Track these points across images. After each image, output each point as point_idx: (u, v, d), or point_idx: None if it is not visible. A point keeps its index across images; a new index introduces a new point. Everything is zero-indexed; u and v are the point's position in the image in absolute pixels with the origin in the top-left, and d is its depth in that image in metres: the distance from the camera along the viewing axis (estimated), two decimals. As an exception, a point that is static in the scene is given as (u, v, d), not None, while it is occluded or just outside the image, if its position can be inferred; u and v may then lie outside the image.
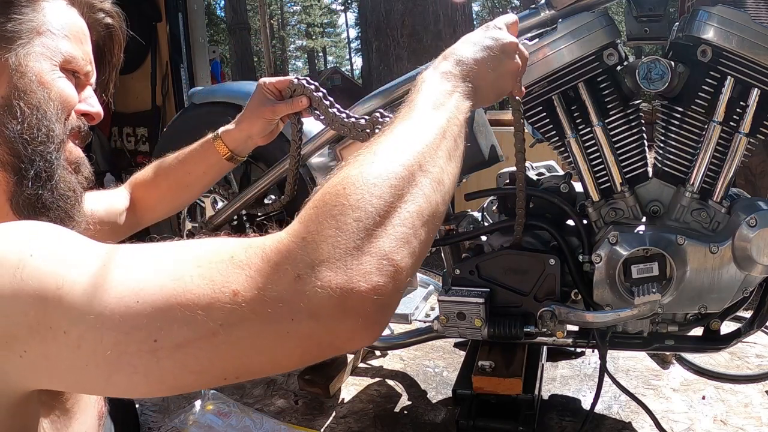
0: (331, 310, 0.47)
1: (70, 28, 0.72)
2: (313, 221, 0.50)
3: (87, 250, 0.51)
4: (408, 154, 0.56)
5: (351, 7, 32.58)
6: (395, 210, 0.52)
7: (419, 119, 0.63)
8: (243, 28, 15.31)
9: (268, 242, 0.49)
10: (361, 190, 0.51)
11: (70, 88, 0.70)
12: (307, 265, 0.47)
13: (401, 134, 0.60)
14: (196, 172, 1.13)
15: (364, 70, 4.28)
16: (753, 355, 1.78)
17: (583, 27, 1.12)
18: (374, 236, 0.49)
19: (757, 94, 1.05)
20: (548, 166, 1.39)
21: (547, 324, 1.20)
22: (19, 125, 0.64)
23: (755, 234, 1.05)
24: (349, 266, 0.48)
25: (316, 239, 0.49)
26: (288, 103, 1.12)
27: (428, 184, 0.56)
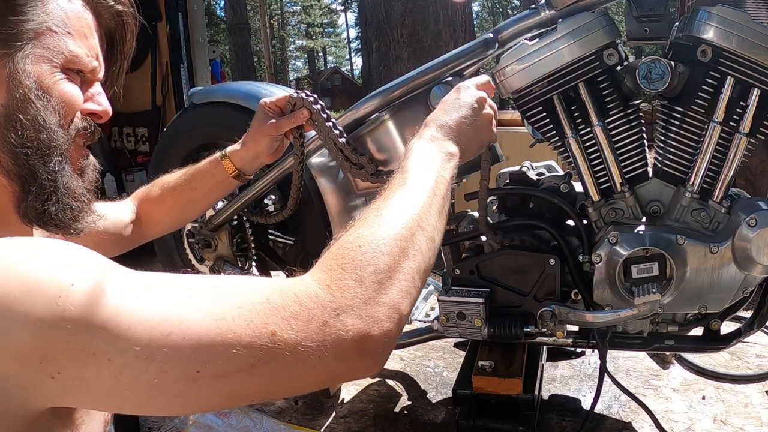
0: (351, 351, 0.56)
1: (73, 23, 0.68)
2: (335, 272, 0.60)
3: (127, 280, 0.54)
4: (407, 217, 0.67)
5: (351, 7, 32.59)
6: (400, 266, 0.62)
7: (412, 184, 0.73)
8: (243, 28, 15.32)
9: (299, 288, 0.58)
10: (373, 249, 0.62)
11: (73, 89, 0.67)
12: (333, 311, 0.56)
13: (399, 199, 0.70)
14: (203, 189, 1.15)
15: (364, 70, 4.28)
16: (753, 355, 1.78)
17: (583, 27, 1.12)
18: (385, 289, 0.60)
19: (757, 94, 1.05)
20: (548, 166, 1.39)
21: (547, 324, 1.20)
22: (19, 138, 0.62)
23: (755, 234, 1.05)
24: (366, 314, 0.57)
25: (340, 288, 0.58)
26: (290, 117, 1.16)
27: (424, 242, 0.67)
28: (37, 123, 0.63)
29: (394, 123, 1.26)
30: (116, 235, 1.06)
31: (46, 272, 0.50)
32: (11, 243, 0.53)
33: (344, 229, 0.66)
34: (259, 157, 1.16)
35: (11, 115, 0.62)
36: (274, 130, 1.14)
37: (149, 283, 0.55)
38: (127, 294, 0.52)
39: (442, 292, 1.26)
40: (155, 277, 0.56)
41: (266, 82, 5.75)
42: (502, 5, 29.75)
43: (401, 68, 3.59)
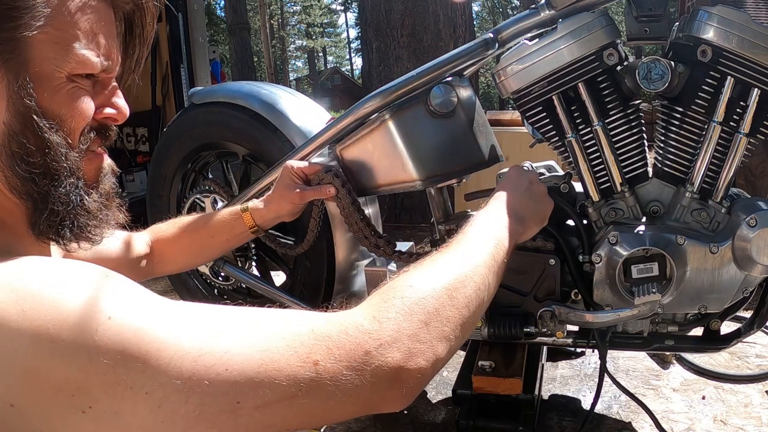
0: (387, 382, 0.58)
1: (78, 21, 0.59)
2: (381, 306, 0.62)
3: (167, 311, 0.53)
4: (461, 270, 0.71)
5: (351, 7, 32.58)
6: (446, 312, 0.65)
7: (471, 242, 0.77)
8: (243, 28, 15.32)
9: (346, 318, 0.60)
10: (423, 290, 0.65)
11: (81, 102, 0.60)
12: (376, 341, 0.58)
13: (456, 253, 0.74)
14: (220, 238, 1.17)
15: (364, 70, 4.27)
16: (753, 355, 1.78)
17: (583, 27, 1.12)
18: (428, 329, 0.62)
19: (757, 94, 1.05)
20: (548, 166, 1.39)
21: (547, 324, 1.20)
22: (24, 165, 0.57)
23: (755, 234, 1.05)
24: (407, 349, 0.59)
25: (385, 320, 0.60)
26: (316, 189, 1.20)
27: (474, 298, 0.69)
28: (43, 146, 0.58)
29: (394, 123, 1.26)
30: (133, 262, 1.07)
31: (83, 304, 0.49)
32: (46, 269, 0.51)
33: (401, 271, 0.70)
34: (279, 218, 1.20)
35: (15, 135, 0.57)
36: (299, 199, 1.18)
37: (190, 314, 0.55)
38: (167, 326, 0.51)
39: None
40: (195, 308, 0.56)
41: (266, 82, 5.76)
42: (502, 5, 29.74)
43: (401, 68, 3.58)
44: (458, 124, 1.25)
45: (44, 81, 0.57)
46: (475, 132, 1.26)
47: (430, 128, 1.25)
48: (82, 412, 0.47)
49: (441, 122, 1.24)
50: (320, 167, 1.22)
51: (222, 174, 1.85)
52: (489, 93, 22.12)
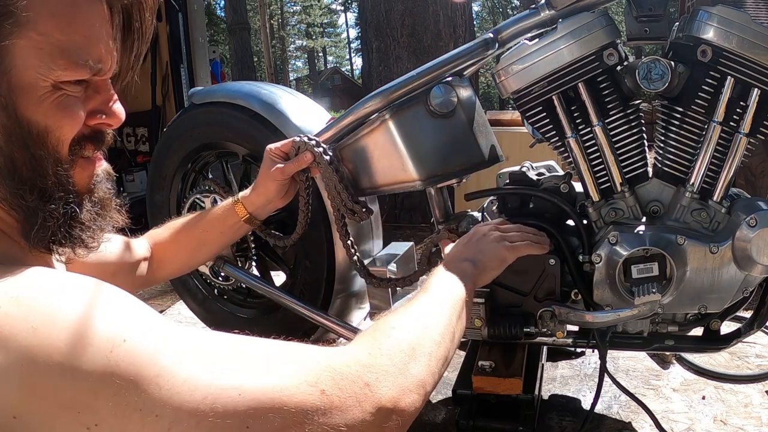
0: (385, 415, 0.63)
1: (65, 23, 0.53)
2: (372, 343, 0.69)
3: (180, 337, 0.54)
4: (431, 314, 0.80)
5: (351, 7, 32.58)
6: (426, 349, 0.73)
7: (435, 292, 0.86)
8: (243, 28, 15.32)
9: (345, 353, 0.66)
10: (403, 332, 0.73)
11: (68, 113, 0.56)
12: (374, 374, 0.63)
13: (425, 300, 0.84)
14: (214, 232, 1.17)
15: (364, 70, 4.27)
16: (753, 355, 1.78)
17: (583, 27, 1.12)
18: (414, 364, 0.70)
19: (757, 94, 1.05)
20: (548, 166, 1.39)
21: (547, 324, 1.20)
22: (11, 179, 0.55)
23: (755, 234, 1.05)
24: (399, 383, 0.66)
25: (378, 356, 0.66)
26: (294, 161, 1.20)
27: (447, 335, 0.79)
28: (29, 162, 0.55)
29: (394, 123, 1.26)
30: (133, 267, 1.07)
31: (98, 325, 0.48)
32: (57, 285, 0.51)
33: (378, 317, 0.78)
34: (270, 201, 1.19)
35: (0, 149, 0.54)
36: (280, 174, 1.17)
37: (203, 340, 0.56)
38: (181, 350, 0.52)
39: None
40: (207, 335, 0.58)
41: (266, 82, 5.76)
42: (502, 5, 29.73)
43: (401, 68, 3.58)
44: (458, 124, 1.25)
45: (28, 91, 0.53)
46: (475, 132, 1.26)
47: (430, 128, 1.25)
48: (87, 429, 0.47)
49: (441, 122, 1.24)
50: (294, 139, 1.22)
51: (222, 174, 1.85)
52: (489, 93, 22.12)
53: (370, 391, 0.62)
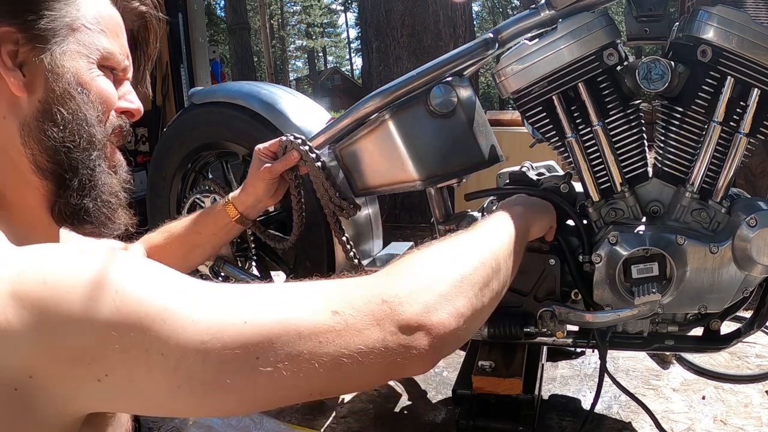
0: (408, 333, 0.57)
1: (105, 22, 0.67)
2: (396, 266, 0.64)
3: (182, 279, 0.54)
4: (471, 240, 0.75)
5: (351, 7, 32.59)
6: (462, 272, 0.66)
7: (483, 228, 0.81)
8: (243, 28, 15.32)
9: (359, 279, 0.61)
10: (435, 255, 0.68)
11: (109, 86, 0.67)
12: (393, 291, 0.58)
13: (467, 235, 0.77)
14: (206, 233, 1.17)
15: (364, 70, 4.27)
16: (753, 355, 1.78)
17: (583, 27, 1.12)
18: (443, 284, 0.62)
19: (757, 94, 1.05)
20: (548, 166, 1.39)
21: (547, 324, 1.20)
22: (60, 132, 0.62)
23: (755, 234, 1.05)
24: (424, 301, 0.59)
25: (400, 276, 0.62)
26: (282, 160, 1.21)
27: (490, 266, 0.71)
28: (78, 117, 0.63)
29: (394, 123, 1.26)
30: None
31: (101, 274, 0.49)
32: (68, 249, 0.53)
33: (424, 243, 0.73)
34: (259, 200, 1.20)
35: (50, 109, 0.62)
36: (268, 174, 1.18)
37: (203, 283, 0.55)
38: (185, 291, 0.52)
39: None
40: (211, 282, 0.58)
41: (266, 82, 5.76)
42: (502, 5, 29.74)
43: (401, 68, 3.58)
44: (458, 124, 1.25)
45: (80, 65, 0.64)
46: (475, 132, 1.26)
47: (430, 128, 1.25)
48: (98, 381, 0.48)
49: (441, 122, 1.24)
50: (281, 138, 1.23)
51: (222, 174, 1.85)
52: (489, 93, 22.12)
53: (389, 308, 0.57)
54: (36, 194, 0.63)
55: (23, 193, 0.63)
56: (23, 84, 0.61)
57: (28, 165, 0.62)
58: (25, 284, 0.47)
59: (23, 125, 0.61)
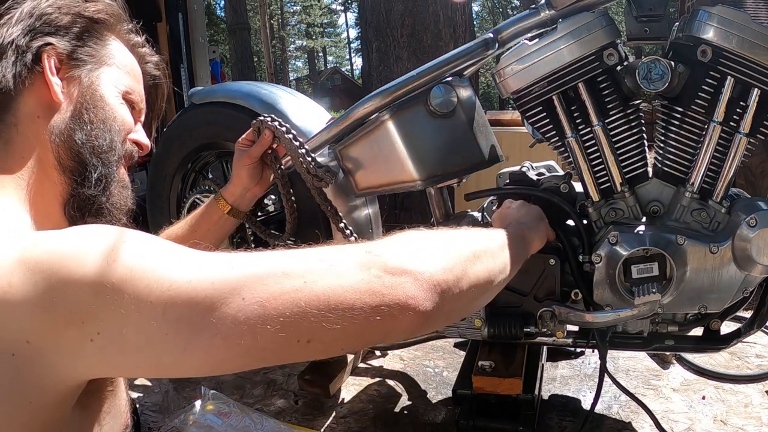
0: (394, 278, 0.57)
1: (131, 68, 0.80)
2: (385, 238, 0.67)
3: (170, 242, 0.58)
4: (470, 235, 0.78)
5: (351, 7, 32.60)
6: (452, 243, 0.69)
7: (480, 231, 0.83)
8: (243, 28, 15.30)
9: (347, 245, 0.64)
10: (424, 234, 0.69)
11: (129, 114, 0.78)
12: (376, 248, 0.61)
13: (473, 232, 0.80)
14: (202, 230, 1.20)
15: (364, 70, 4.27)
16: (753, 355, 1.78)
17: (583, 27, 1.12)
18: (427, 252, 0.64)
19: (757, 94, 1.05)
20: (548, 166, 1.39)
21: (547, 324, 1.20)
22: (86, 134, 0.71)
23: (755, 234, 1.05)
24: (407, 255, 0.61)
25: (383, 243, 0.64)
26: (258, 143, 1.23)
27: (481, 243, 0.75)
28: (104, 125, 0.73)
29: (394, 123, 1.26)
30: None
31: (98, 235, 0.54)
32: (72, 228, 0.57)
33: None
34: (247, 189, 1.23)
35: (80, 117, 0.71)
36: (248, 159, 1.22)
37: (190, 248, 0.59)
38: (175, 248, 0.57)
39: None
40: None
41: (266, 82, 5.75)
42: (502, 5, 29.73)
43: (401, 68, 3.58)
44: (458, 124, 1.25)
45: (109, 90, 0.75)
46: (475, 132, 1.26)
47: (430, 128, 1.25)
48: (91, 341, 0.50)
49: (441, 122, 1.24)
50: (252, 123, 1.24)
51: (222, 174, 1.85)
52: (489, 93, 22.12)
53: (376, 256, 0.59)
54: (53, 189, 0.70)
55: (43, 186, 0.69)
56: (62, 91, 0.71)
57: (53, 161, 0.70)
58: (32, 252, 0.51)
59: (55, 126, 0.70)
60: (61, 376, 0.52)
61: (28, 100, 0.70)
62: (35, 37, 0.70)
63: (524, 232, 0.97)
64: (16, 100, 0.69)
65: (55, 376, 0.52)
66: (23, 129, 0.69)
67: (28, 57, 0.69)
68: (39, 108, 0.70)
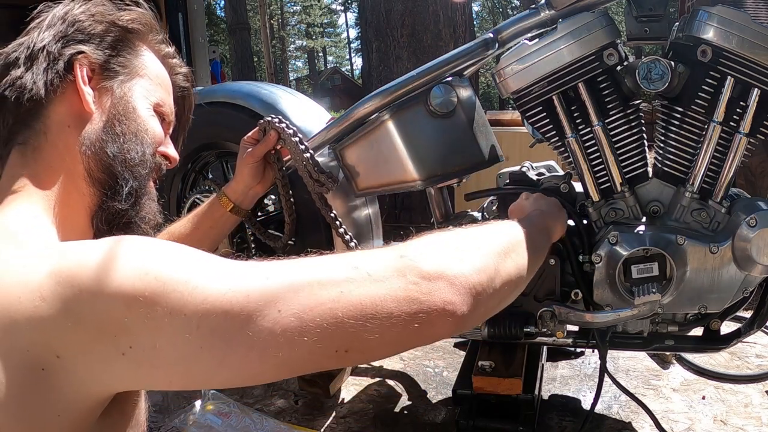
0: (430, 283, 0.56)
1: (162, 80, 0.80)
2: (416, 238, 0.65)
3: (201, 252, 0.56)
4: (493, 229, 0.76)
5: (351, 7, 32.60)
6: (476, 243, 0.67)
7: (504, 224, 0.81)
8: (243, 28, 15.31)
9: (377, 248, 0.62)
10: (454, 233, 0.68)
11: (159, 127, 0.77)
12: (410, 250, 0.59)
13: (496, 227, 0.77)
14: (204, 228, 1.20)
15: (364, 70, 4.27)
16: (753, 355, 1.78)
17: (583, 27, 1.12)
18: (460, 252, 0.62)
19: (757, 94, 1.05)
20: (548, 166, 1.39)
21: (547, 324, 1.20)
22: (118, 148, 0.69)
23: (755, 234, 1.05)
24: (444, 259, 0.59)
25: (417, 244, 0.62)
26: (262, 142, 1.24)
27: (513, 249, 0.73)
28: (136, 137, 0.72)
29: (394, 123, 1.26)
30: None
31: (129, 248, 0.53)
32: (102, 240, 0.56)
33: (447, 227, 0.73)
34: (249, 187, 1.23)
35: (112, 128, 0.70)
36: (251, 158, 1.22)
37: (222, 258, 0.57)
38: (208, 260, 0.55)
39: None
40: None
41: (266, 82, 5.75)
42: (502, 5, 29.73)
43: (401, 68, 3.58)
44: (458, 124, 1.25)
45: (141, 102, 0.74)
46: (475, 132, 1.26)
47: (430, 128, 1.25)
48: (123, 354, 0.49)
49: (441, 122, 1.24)
50: (259, 122, 1.25)
51: (222, 174, 1.85)
52: (489, 93, 22.12)
53: (410, 261, 0.57)
54: (82, 200, 0.68)
55: (71, 196, 0.67)
56: (93, 101, 0.69)
57: (82, 172, 0.68)
58: (62, 264, 0.51)
59: (85, 136, 0.68)
60: (91, 390, 0.51)
61: (59, 109, 0.68)
62: (67, 44, 0.69)
63: (546, 221, 0.97)
64: (46, 108, 0.68)
65: (84, 389, 0.51)
66: (52, 138, 0.67)
67: (59, 65, 0.68)
68: (69, 117, 0.68)
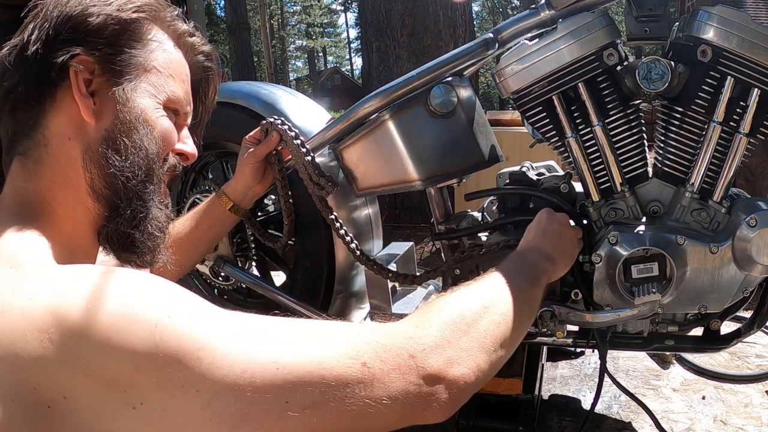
0: (430, 386, 0.60)
1: (175, 68, 0.73)
2: (423, 316, 0.67)
3: (219, 315, 0.56)
4: (494, 291, 0.77)
5: (351, 7, 32.59)
6: (482, 326, 0.69)
7: (504, 277, 0.80)
8: (243, 28, 15.30)
9: (390, 325, 0.64)
10: (459, 304, 0.71)
11: (171, 127, 0.72)
12: (420, 345, 0.61)
13: (489, 281, 0.79)
14: (203, 227, 1.20)
15: (364, 70, 4.27)
16: (753, 355, 1.78)
17: (583, 27, 1.12)
18: (467, 339, 0.66)
19: (757, 94, 1.05)
20: (548, 166, 1.39)
21: (547, 324, 1.20)
22: (121, 161, 0.65)
23: (755, 234, 1.05)
24: (448, 357, 0.62)
25: (427, 327, 0.64)
26: (264, 142, 1.24)
27: (509, 313, 0.75)
28: (141, 149, 0.66)
29: (394, 123, 1.26)
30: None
31: (142, 303, 0.51)
32: (110, 273, 0.54)
33: (440, 296, 0.76)
34: (249, 187, 1.23)
35: (115, 139, 0.65)
36: (252, 158, 1.22)
37: (240, 319, 0.57)
38: (220, 328, 0.54)
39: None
40: (244, 315, 0.59)
41: (266, 82, 5.75)
42: (502, 5, 29.74)
43: (401, 68, 3.59)
44: (458, 124, 1.25)
45: (147, 103, 0.68)
46: (475, 132, 1.26)
47: (430, 128, 1.25)
48: (133, 408, 0.49)
49: (441, 122, 1.24)
50: (262, 122, 1.25)
51: (222, 174, 1.85)
52: (489, 93, 22.12)
53: (414, 363, 0.60)
54: (86, 214, 0.66)
55: (74, 211, 0.65)
56: (93, 111, 0.64)
57: (85, 186, 0.65)
58: (67, 306, 0.49)
59: (87, 149, 0.64)
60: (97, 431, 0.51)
61: (57, 119, 0.64)
62: (61, 47, 0.63)
63: (537, 270, 0.91)
64: (44, 117, 0.63)
65: (91, 430, 0.50)
66: (53, 151, 0.63)
67: (53, 73, 0.62)
68: (70, 128, 0.64)
